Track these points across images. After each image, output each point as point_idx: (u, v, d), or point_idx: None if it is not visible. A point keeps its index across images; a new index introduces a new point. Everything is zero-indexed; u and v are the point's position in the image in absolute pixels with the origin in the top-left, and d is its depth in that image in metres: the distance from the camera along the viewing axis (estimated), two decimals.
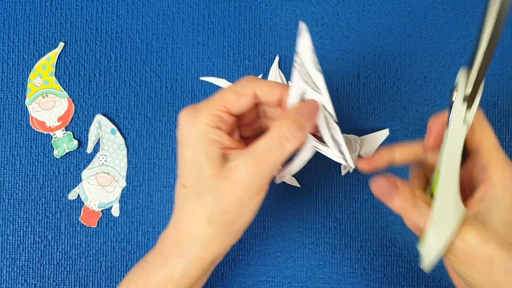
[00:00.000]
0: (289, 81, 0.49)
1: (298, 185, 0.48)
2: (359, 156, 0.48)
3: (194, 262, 0.35)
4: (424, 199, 0.34)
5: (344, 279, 0.48)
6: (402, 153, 0.39)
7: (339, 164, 0.48)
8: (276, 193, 0.48)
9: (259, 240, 0.48)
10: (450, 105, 0.34)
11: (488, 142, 0.35)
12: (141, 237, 0.48)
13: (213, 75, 0.49)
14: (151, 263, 0.36)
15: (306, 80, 0.35)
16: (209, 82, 0.49)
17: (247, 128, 0.39)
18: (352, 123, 0.49)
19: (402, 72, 0.49)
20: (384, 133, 0.48)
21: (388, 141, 0.48)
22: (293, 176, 0.48)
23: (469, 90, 0.32)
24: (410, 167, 0.41)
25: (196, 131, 0.34)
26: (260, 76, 0.49)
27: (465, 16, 0.50)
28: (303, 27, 0.34)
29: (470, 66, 0.31)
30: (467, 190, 0.36)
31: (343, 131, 0.49)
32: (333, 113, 0.36)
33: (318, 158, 0.48)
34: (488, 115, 0.49)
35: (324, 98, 0.36)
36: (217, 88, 0.49)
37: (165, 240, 0.36)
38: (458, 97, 0.32)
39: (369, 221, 0.48)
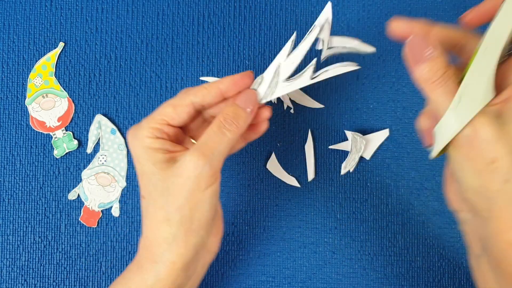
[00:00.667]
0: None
1: (298, 185, 0.48)
2: (361, 157, 0.48)
3: (164, 266, 0.36)
4: (457, 78, 0.31)
5: (344, 279, 0.48)
6: (443, 32, 0.34)
7: (339, 164, 0.48)
8: (276, 193, 0.48)
9: (259, 240, 0.48)
10: None
11: None
12: (141, 237, 0.48)
13: (213, 75, 0.49)
14: (129, 270, 0.38)
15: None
16: (209, 82, 0.49)
17: (199, 136, 0.40)
18: (352, 123, 0.49)
19: (402, 72, 0.49)
20: (384, 133, 0.48)
21: (388, 141, 0.48)
22: (293, 176, 0.48)
23: None
24: None
25: (139, 144, 0.36)
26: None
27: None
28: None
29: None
30: (497, 89, 0.32)
31: (344, 130, 0.49)
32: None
33: (318, 158, 0.48)
34: None
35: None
36: None
37: (140, 250, 0.38)
38: None
39: (369, 221, 0.48)
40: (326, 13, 0.37)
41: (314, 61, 0.38)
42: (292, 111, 0.48)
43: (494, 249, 0.33)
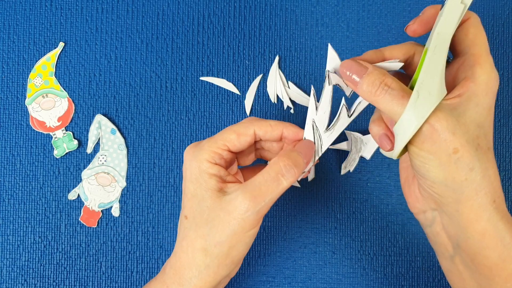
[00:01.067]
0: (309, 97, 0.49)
1: (298, 185, 0.48)
2: (361, 157, 0.48)
3: None
4: (396, 84, 0.33)
5: (344, 279, 0.48)
6: (393, 51, 0.36)
7: (339, 164, 0.48)
8: None
9: (259, 240, 0.48)
10: None
11: (481, 44, 0.34)
12: (141, 237, 0.48)
13: (213, 75, 0.49)
14: None
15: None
16: (209, 82, 0.49)
17: (244, 158, 0.41)
18: (352, 123, 0.48)
19: None
20: None
21: None
22: None
23: None
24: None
25: (197, 166, 0.36)
26: (260, 77, 0.49)
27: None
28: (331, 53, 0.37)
29: None
30: (448, 89, 0.34)
31: (344, 130, 0.49)
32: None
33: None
34: None
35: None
36: (217, 88, 0.49)
37: (167, 268, 0.38)
38: None
39: (369, 221, 0.48)
40: (332, 56, 0.37)
41: (343, 100, 0.38)
42: (292, 111, 0.48)
43: (467, 243, 0.33)
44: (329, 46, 0.37)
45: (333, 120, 0.38)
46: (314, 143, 0.38)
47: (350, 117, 0.38)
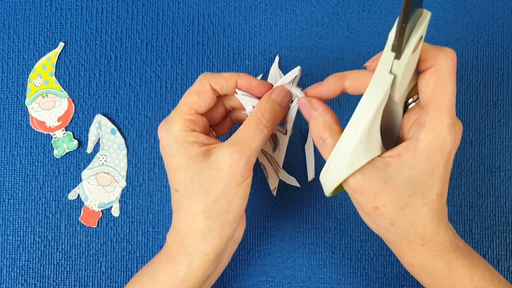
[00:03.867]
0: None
1: (298, 185, 0.48)
2: None
3: (198, 257, 0.36)
4: (332, 140, 0.35)
5: (344, 279, 0.48)
6: (354, 82, 0.36)
7: None
8: (276, 193, 0.48)
9: (259, 240, 0.48)
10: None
11: (438, 102, 0.31)
12: (141, 237, 0.48)
13: None
14: (157, 263, 0.38)
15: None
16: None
17: (221, 127, 0.42)
18: None
19: None
20: None
21: None
22: (293, 176, 0.48)
23: (397, 38, 0.29)
24: None
25: (174, 139, 0.37)
26: (260, 77, 0.49)
27: (465, 16, 0.50)
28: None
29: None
30: (401, 140, 0.35)
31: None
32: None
33: (318, 159, 0.48)
34: (488, 115, 0.49)
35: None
36: None
37: (169, 241, 0.38)
38: (387, 45, 0.30)
39: None
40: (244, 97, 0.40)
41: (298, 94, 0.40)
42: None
43: (407, 267, 0.38)
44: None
45: (276, 142, 0.42)
46: (271, 163, 0.42)
47: (286, 134, 0.41)
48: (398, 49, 0.29)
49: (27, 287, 0.47)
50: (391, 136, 0.37)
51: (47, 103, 0.48)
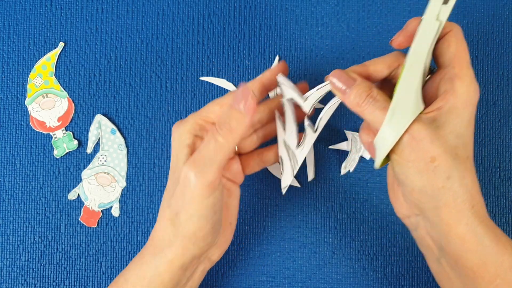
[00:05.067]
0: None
1: (298, 185, 0.48)
2: (361, 157, 0.48)
3: (163, 261, 0.36)
4: (381, 96, 0.34)
5: (344, 279, 0.48)
6: (377, 66, 0.37)
7: (339, 164, 0.48)
8: (276, 193, 0.48)
9: (259, 240, 0.48)
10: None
11: (461, 57, 0.35)
12: (141, 237, 0.48)
13: (213, 75, 0.49)
14: (132, 263, 0.39)
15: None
16: (209, 82, 0.49)
17: (244, 142, 0.41)
18: (352, 123, 0.49)
19: None
20: None
21: None
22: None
23: None
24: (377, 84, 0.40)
25: (178, 137, 0.37)
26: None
27: (465, 16, 0.50)
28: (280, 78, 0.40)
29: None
30: (431, 102, 0.36)
31: (344, 130, 0.49)
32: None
33: (318, 159, 0.48)
34: (488, 115, 0.49)
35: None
36: (217, 88, 0.49)
37: (148, 240, 0.39)
38: None
39: (369, 221, 0.48)
40: (283, 83, 0.40)
41: (306, 121, 0.41)
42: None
43: (449, 246, 0.34)
44: (279, 78, 0.39)
45: (303, 138, 0.41)
46: (290, 158, 0.41)
47: (315, 132, 0.40)
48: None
49: (27, 287, 0.47)
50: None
51: (47, 103, 0.48)
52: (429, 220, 0.35)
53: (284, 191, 0.41)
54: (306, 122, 0.40)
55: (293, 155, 0.40)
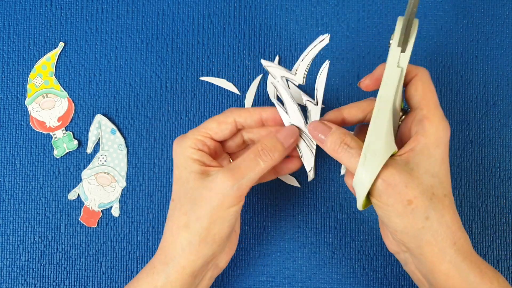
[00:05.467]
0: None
1: (298, 185, 0.48)
2: None
3: (174, 269, 0.38)
4: (355, 143, 0.37)
5: (344, 279, 0.48)
6: (351, 110, 0.40)
7: (339, 164, 0.48)
8: (276, 193, 0.48)
9: (259, 240, 0.48)
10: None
11: (428, 99, 0.37)
12: (141, 237, 0.48)
13: (213, 75, 0.49)
14: (142, 272, 0.40)
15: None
16: (209, 82, 0.49)
17: (237, 156, 0.43)
18: None
19: None
20: None
21: None
22: (293, 176, 0.48)
23: (402, 35, 0.36)
24: (355, 128, 0.43)
25: (182, 152, 0.39)
26: (260, 76, 0.49)
27: (465, 16, 0.50)
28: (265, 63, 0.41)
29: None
30: (405, 142, 0.38)
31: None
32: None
33: (318, 158, 0.48)
34: (488, 115, 0.49)
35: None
36: (217, 88, 0.49)
37: (157, 250, 0.40)
38: (393, 41, 0.36)
39: (369, 221, 0.48)
40: (270, 68, 0.42)
41: (304, 97, 0.41)
42: None
43: (436, 282, 0.36)
44: (263, 62, 0.42)
45: (308, 115, 0.41)
46: (304, 139, 0.41)
47: (317, 105, 0.41)
48: (404, 43, 0.36)
49: (27, 287, 0.47)
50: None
51: (47, 103, 0.48)
52: (415, 257, 0.37)
53: (310, 174, 0.42)
54: (304, 99, 0.41)
55: (305, 134, 0.41)
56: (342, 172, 0.48)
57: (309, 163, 0.41)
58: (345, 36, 0.49)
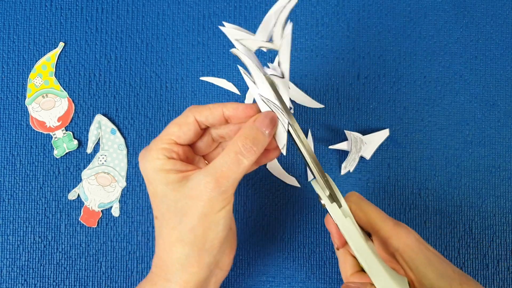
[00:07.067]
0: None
1: (298, 185, 0.48)
2: (361, 157, 0.48)
3: (178, 285, 0.36)
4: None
5: None
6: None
7: (339, 164, 0.48)
8: (276, 193, 0.48)
9: (259, 240, 0.48)
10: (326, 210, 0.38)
11: (374, 217, 0.37)
12: (141, 237, 0.48)
13: (213, 75, 0.49)
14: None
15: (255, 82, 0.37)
16: (209, 82, 0.49)
17: (211, 156, 0.41)
18: (352, 123, 0.49)
19: (402, 72, 0.49)
20: (384, 133, 0.48)
21: (388, 141, 0.48)
22: (293, 176, 0.48)
23: (327, 192, 0.37)
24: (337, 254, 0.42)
25: (151, 167, 0.36)
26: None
27: (465, 16, 0.50)
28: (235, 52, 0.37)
29: (314, 176, 0.37)
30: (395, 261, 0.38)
31: (344, 130, 0.49)
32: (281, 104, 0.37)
33: (318, 159, 0.48)
34: (488, 115, 0.49)
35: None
36: (217, 88, 0.49)
37: (153, 267, 0.38)
38: (325, 202, 0.37)
39: None
40: (229, 32, 0.36)
41: (267, 71, 0.37)
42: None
43: None
44: (224, 29, 0.36)
45: (276, 89, 0.37)
46: (275, 112, 0.36)
47: (283, 77, 0.36)
48: (336, 200, 0.37)
49: (27, 287, 0.47)
50: None
51: (47, 103, 0.48)
52: None
53: (283, 151, 0.37)
54: (269, 72, 0.36)
55: (276, 106, 0.36)
56: (343, 172, 0.48)
57: (282, 140, 0.37)
58: (345, 36, 0.49)
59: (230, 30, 0.36)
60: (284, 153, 0.38)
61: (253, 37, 0.36)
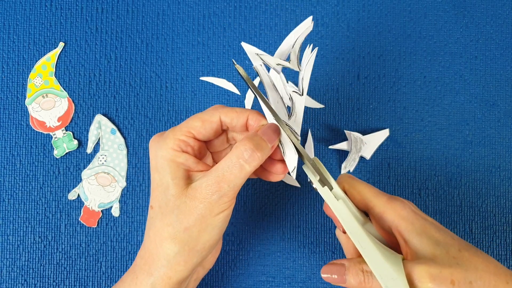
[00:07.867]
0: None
1: (298, 185, 0.48)
2: (361, 157, 0.48)
3: (160, 279, 0.36)
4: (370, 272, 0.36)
5: None
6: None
7: (339, 164, 0.48)
8: (276, 193, 0.48)
9: (259, 240, 0.48)
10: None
11: (367, 194, 0.37)
12: (141, 237, 0.48)
13: (213, 75, 0.49)
14: (123, 281, 0.38)
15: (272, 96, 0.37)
16: (209, 82, 0.49)
17: (220, 155, 0.41)
18: (352, 123, 0.49)
19: (402, 72, 0.49)
20: (384, 133, 0.48)
21: (388, 141, 0.48)
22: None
23: (317, 176, 0.37)
24: (338, 238, 0.42)
25: (163, 155, 0.36)
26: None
27: (465, 16, 0.50)
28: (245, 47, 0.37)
29: (303, 161, 0.37)
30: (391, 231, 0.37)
31: (344, 130, 0.49)
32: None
33: (318, 158, 0.48)
34: (488, 115, 0.49)
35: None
36: (217, 88, 0.49)
37: (137, 259, 0.38)
38: (316, 186, 0.37)
39: None
40: (250, 51, 0.37)
41: (288, 88, 0.38)
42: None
43: None
44: (244, 45, 0.37)
45: (292, 107, 0.38)
46: (287, 134, 0.37)
47: (302, 95, 0.37)
48: (326, 183, 0.37)
49: (27, 287, 0.47)
50: None
51: (47, 103, 0.48)
52: None
53: (293, 174, 0.38)
54: (290, 90, 0.37)
55: (288, 127, 0.37)
56: (343, 172, 0.48)
57: (292, 162, 0.37)
58: (345, 36, 0.49)
59: (249, 47, 0.37)
60: (293, 176, 0.38)
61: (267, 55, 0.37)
